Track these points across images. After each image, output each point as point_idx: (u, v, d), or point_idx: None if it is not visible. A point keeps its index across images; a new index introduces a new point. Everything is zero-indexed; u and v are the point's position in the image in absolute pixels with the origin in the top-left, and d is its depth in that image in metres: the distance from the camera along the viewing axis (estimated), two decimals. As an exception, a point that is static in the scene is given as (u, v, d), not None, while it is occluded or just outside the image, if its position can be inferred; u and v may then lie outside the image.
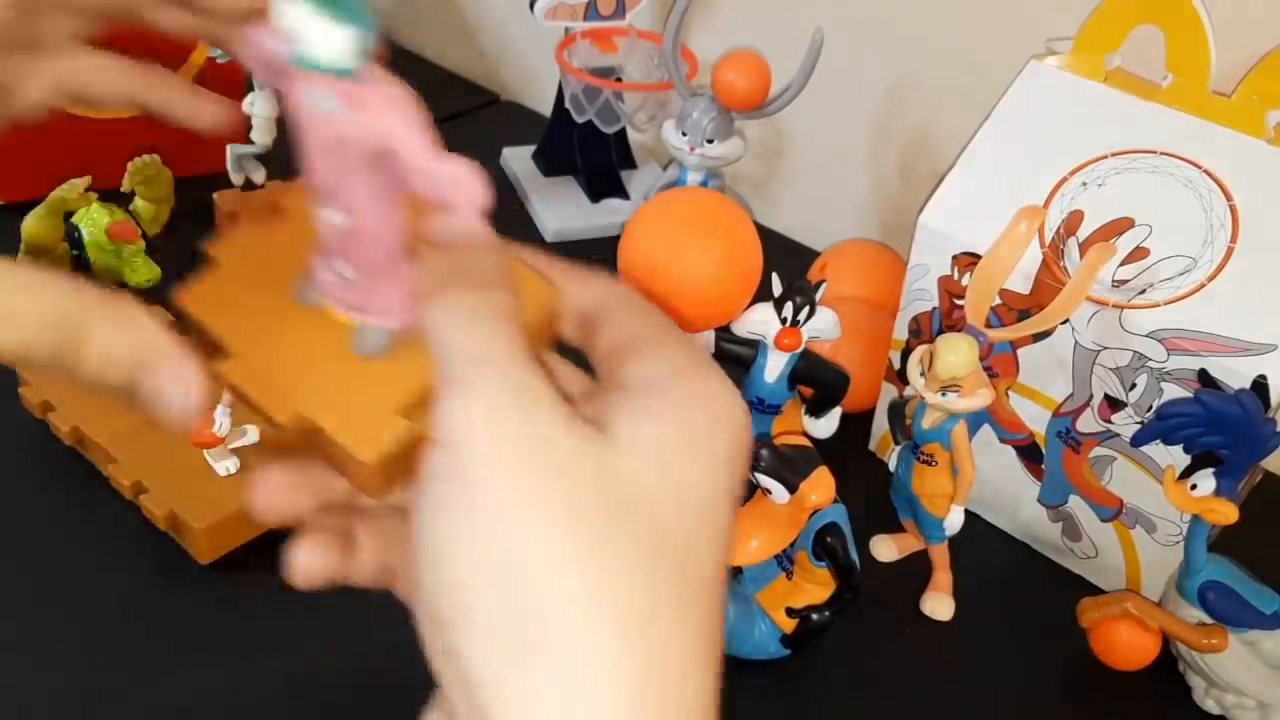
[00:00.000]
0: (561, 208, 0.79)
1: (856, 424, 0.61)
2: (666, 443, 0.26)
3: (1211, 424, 0.44)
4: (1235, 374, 0.46)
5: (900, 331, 0.58)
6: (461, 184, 0.28)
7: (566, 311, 0.30)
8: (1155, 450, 0.50)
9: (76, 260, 0.52)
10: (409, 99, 0.27)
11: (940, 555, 0.54)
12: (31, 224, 0.50)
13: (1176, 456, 0.47)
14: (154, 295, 0.55)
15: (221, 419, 0.50)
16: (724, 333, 0.51)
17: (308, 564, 0.29)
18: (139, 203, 0.54)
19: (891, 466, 0.53)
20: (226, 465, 0.52)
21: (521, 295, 0.28)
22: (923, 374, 0.47)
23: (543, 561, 0.24)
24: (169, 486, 0.51)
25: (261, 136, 0.69)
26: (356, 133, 0.26)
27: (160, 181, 0.55)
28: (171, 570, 0.50)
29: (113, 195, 0.55)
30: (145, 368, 0.26)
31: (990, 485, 0.57)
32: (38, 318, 0.26)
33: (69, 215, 0.53)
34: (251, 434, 0.54)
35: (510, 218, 0.80)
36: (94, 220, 0.52)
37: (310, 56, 0.25)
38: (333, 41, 0.25)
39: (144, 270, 0.53)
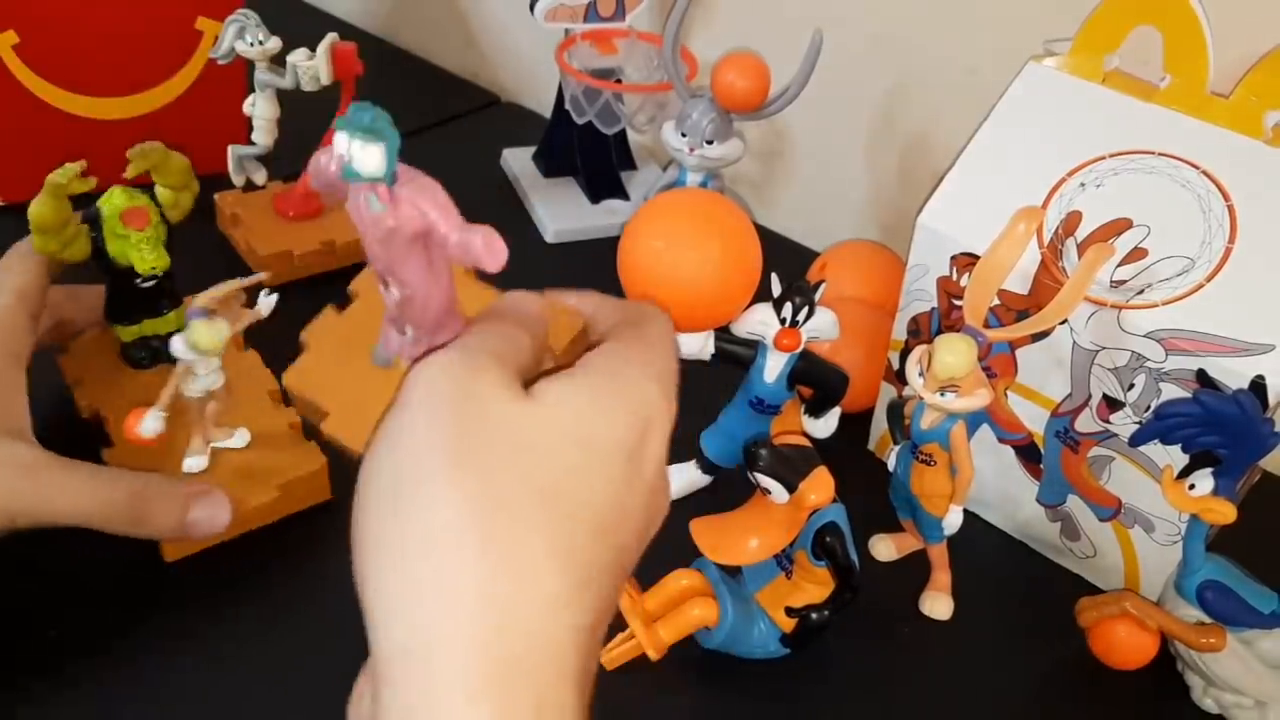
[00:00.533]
0: (561, 208, 0.79)
1: (856, 424, 0.61)
2: (570, 403, 0.32)
3: (1210, 424, 0.45)
4: (1233, 374, 0.46)
5: (899, 332, 0.58)
6: (486, 247, 0.36)
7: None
8: (1154, 450, 0.50)
9: (95, 242, 0.53)
10: (436, 187, 0.35)
11: (939, 555, 0.54)
12: (34, 208, 0.52)
13: (1175, 456, 0.47)
14: (161, 281, 0.56)
15: (149, 421, 0.49)
16: (723, 333, 0.51)
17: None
18: (159, 190, 0.55)
19: (890, 466, 0.53)
20: (189, 462, 0.52)
21: (554, 324, 0.38)
22: (921, 374, 0.47)
23: (427, 481, 0.30)
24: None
25: (262, 138, 0.69)
26: (401, 224, 0.34)
27: (170, 169, 0.54)
28: (137, 562, 0.50)
29: (142, 185, 0.55)
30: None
31: (989, 485, 0.57)
32: (114, 504, 0.46)
33: (88, 198, 0.53)
34: (241, 436, 0.54)
35: (510, 218, 0.80)
36: (114, 205, 0.53)
37: (355, 171, 0.33)
38: (370, 158, 0.33)
39: (151, 257, 0.53)
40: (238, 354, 0.58)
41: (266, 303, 0.51)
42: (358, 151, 0.33)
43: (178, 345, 0.49)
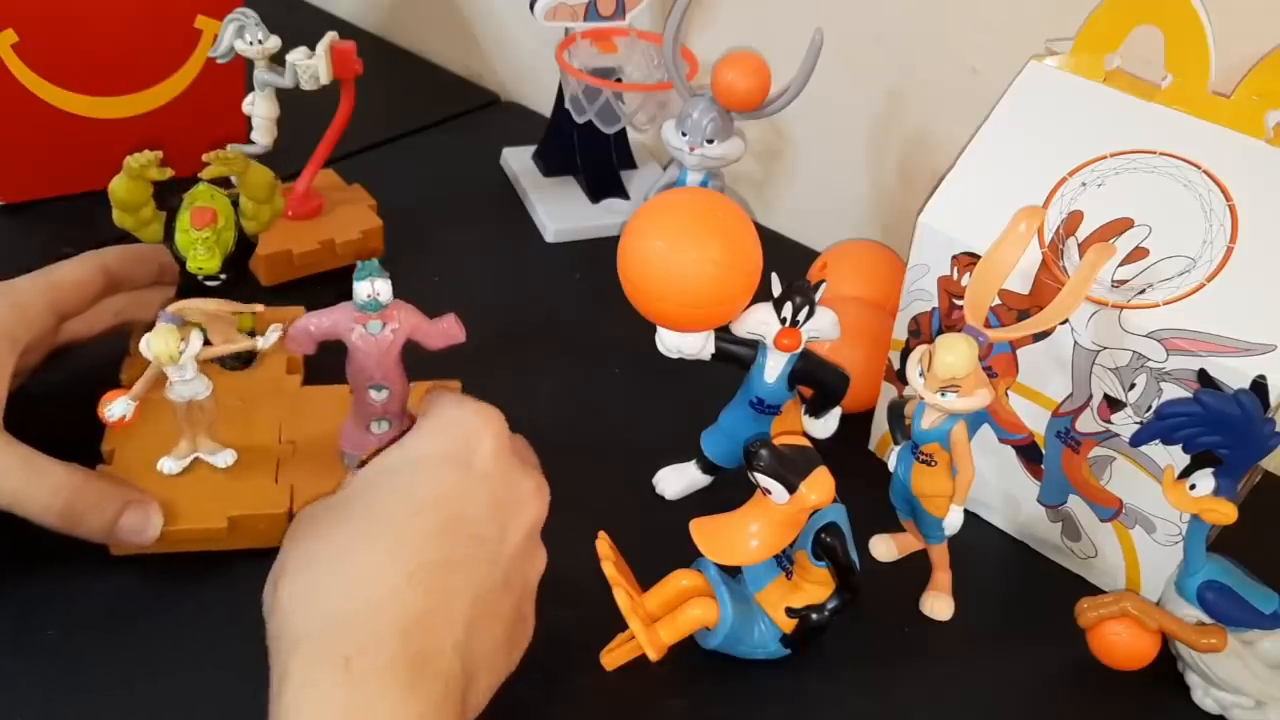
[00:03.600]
0: (561, 208, 0.79)
1: (856, 424, 0.61)
2: (388, 452, 0.44)
3: (1211, 424, 0.44)
4: (1234, 374, 0.46)
5: (900, 331, 0.58)
6: (458, 324, 0.50)
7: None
8: (1154, 450, 0.50)
9: (168, 228, 0.54)
10: (411, 306, 0.49)
11: (939, 555, 0.54)
12: (113, 183, 0.53)
13: (1176, 456, 0.47)
14: (227, 285, 0.57)
15: (116, 406, 0.49)
16: (723, 333, 0.51)
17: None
18: (242, 199, 0.55)
19: (891, 466, 0.53)
20: (165, 464, 0.52)
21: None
22: (922, 374, 0.47)
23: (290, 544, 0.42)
24: (131, 466, 0.52)
25: (262, 137, 0.69)
26: (396, 337, 0.49)
27: (251, 181, 0.55)
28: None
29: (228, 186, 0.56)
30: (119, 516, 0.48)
31: (990, 485, 0.57)
32: (45, 502, 0.46)
33: (173, 186, 0.54)
34: (225, 457, 0.53)
35: (510, 218, 0.80)
36: (192, 199, 0.54)
37: (379, 303, 0.47)
38: (387, 288, 0.47)
39: (202, 257, 0.54)
40: (276, 375, 0.58)
41: (270, 337, 0.50)
42: (380, 286, 0.46)
43: (141, 344, 0.49)
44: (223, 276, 0.55)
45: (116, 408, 0.49)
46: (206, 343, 0.50)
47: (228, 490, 0.52)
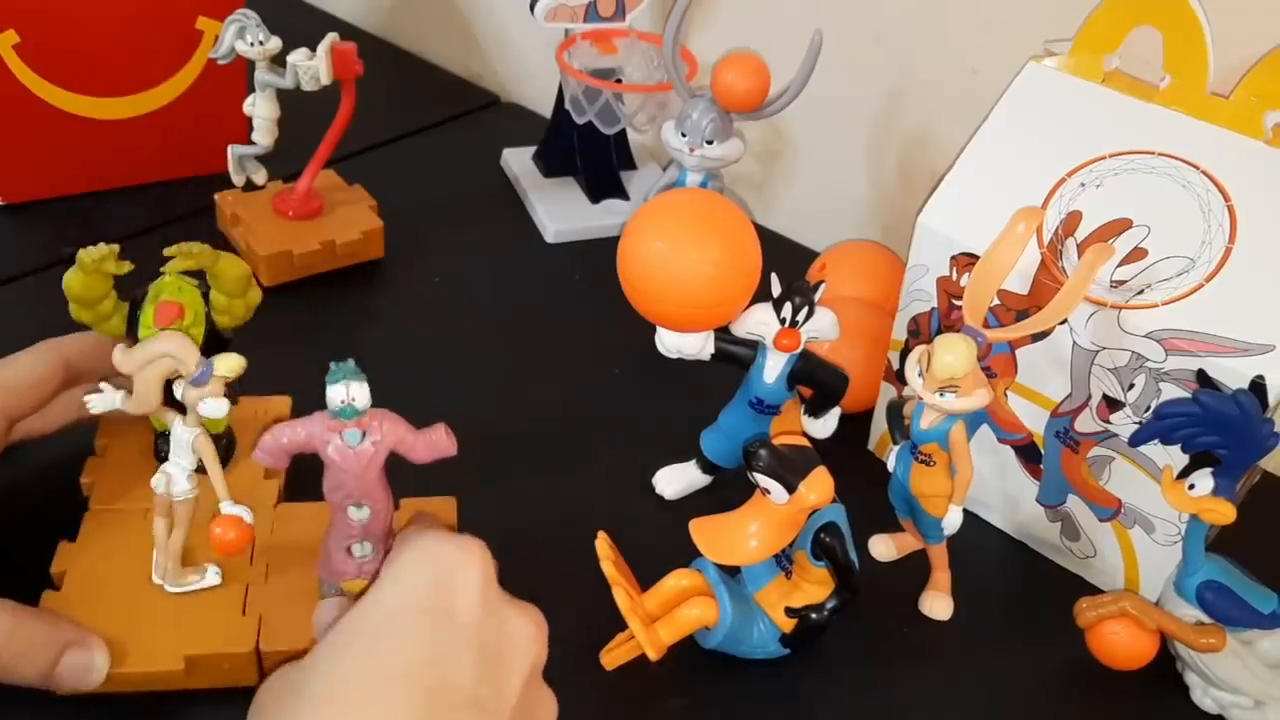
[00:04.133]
0: (561, 208, 0.79)
1: (855, 424, 0.61)
2: (370, 598, 0.38)
3: (1209, 424, 0.45)
4: (1233, 374, 0.46)
5: (899, 332, 0.58)
6: (448, 436, 0.43)
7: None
8: (1153, 450, 0.50)
9: (130, 323, 0.49)
10: (395, 415, 0.43)
11: (939, 555, 0.54)
12: (67, 276, 0.47)
13: (1175, 456, 0.47)
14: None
15: (229, 509, 0.44)
16: (723, 333, 0.51)
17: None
18: (213, 293, 0.49)
19: (890, 466, 0.53)
20: (186, 581, 0.47)
21: None
22: (921, 374, 0.47)
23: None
24: (87, 587, 0.47)
25: (262, 137, 0.69)
26: (378, 449, 0.42)
27: (222, 274, 0.48)
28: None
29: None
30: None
31: (989, 485, 0.57)
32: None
33: (133, 279, 0.48)
34: (212, 576, 0.47)
35: (510, 218, 0.80)
36: (157, 293, 0.48)
37: (355, 409, 0.41)
38: (363, 393, 0.41)
39: None
40: (252, 482, 0.52)
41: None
42: (356, 391, 0.41)
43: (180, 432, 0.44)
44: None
45: (246, 514, 0.44)
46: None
47: (187, 623, 0.46)
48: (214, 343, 0.49)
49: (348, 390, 0.40)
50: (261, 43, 0.65)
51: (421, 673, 0.36)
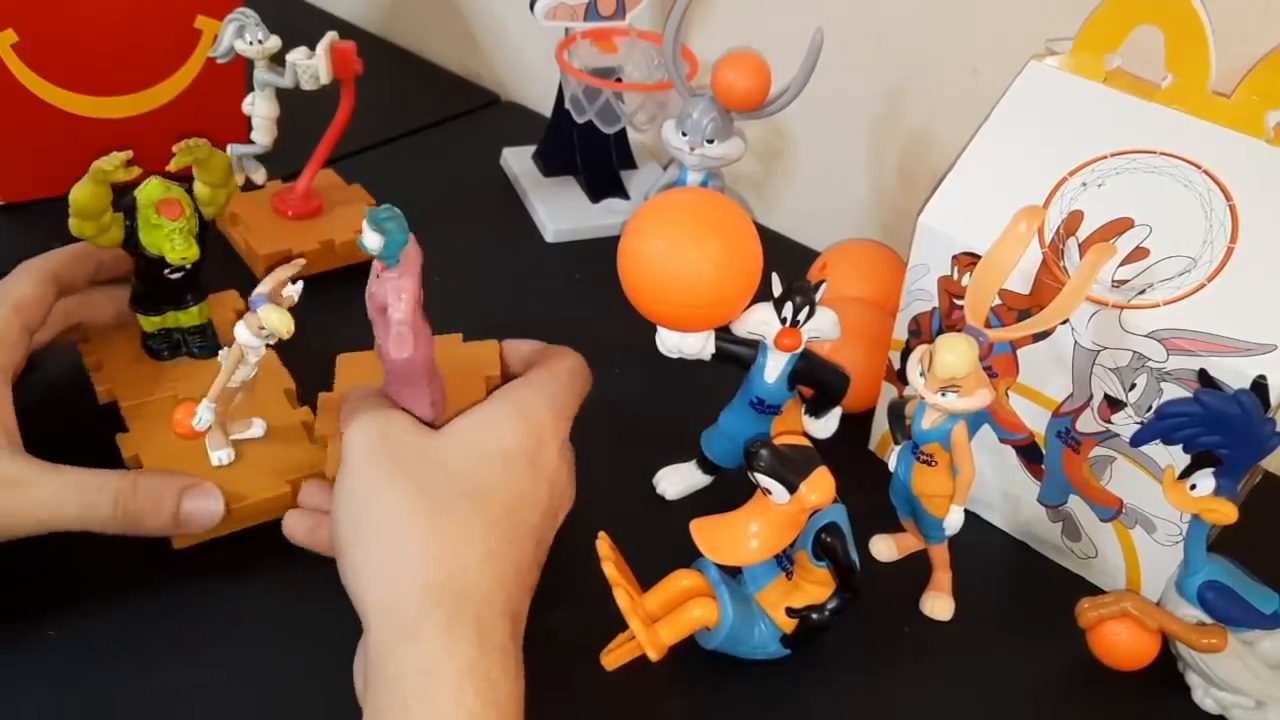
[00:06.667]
0: (561, 208, 0.79)
1: (856, 424, 0.61)
2: (468, 429, 0.47)
3: (1211, 424, 0.44)
4: (1235, 374, 0.46)
5: (900, 331, 0.58)
6: (395, 340, 0.47)
7: (506, 366, 0.57)
8: (1155, 450, 0.50)
9: (129, 230, 0.54)
10: (411, 284, 0.48)
11: (940, 555, 0.54)
12: (76, 191, 0.52)
13: (1176, 456, 0.47)
14: (189, 274, 0.57)
15: (203, 413, 0.51)
16: (724, 332, 0.51)
17: (293, 526, 0.50)
18: (197, 185, 0.56)
19: (891, 466, 0.53)
20: (220, 455, 0.52)
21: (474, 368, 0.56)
22: (922, 374, 0.47)
23: (378, 492, 0.44)
24: (162, 464, 0.52)
25: (261, 137, 0.69)
26: (377, 294, 0.48)
27: (213, 166, 0.55)
28: (145, 548, 0.50)
29: (177, 178, 0.56)
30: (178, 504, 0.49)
31: (990, 485, 0.57)
32: (106, 514, 0.47)
33: (125, 188, 0.54)
34: (258, 427, 0.54)
35: (510, 218, 0.80)
36: (150, 195, 0.54)
37: (362, 244, 0.47)
38: (370, 240, 0.46)
39: (182, 247, 0.54)
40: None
41: (294, 289, 0.51)
42: (366, 233, 0.46)
43: (244, 333, 0.49)
44: (188, 266, 0.56)
45: (204, 415, 0.50)
46: None
47: (271, 460, 0.53)
48: (204, 234, 0.56)
49: (365, 227, 0.46)
50: (260, 41, 0.65)
51: (523, 506, 0.45)
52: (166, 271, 0.55)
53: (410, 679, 0.39)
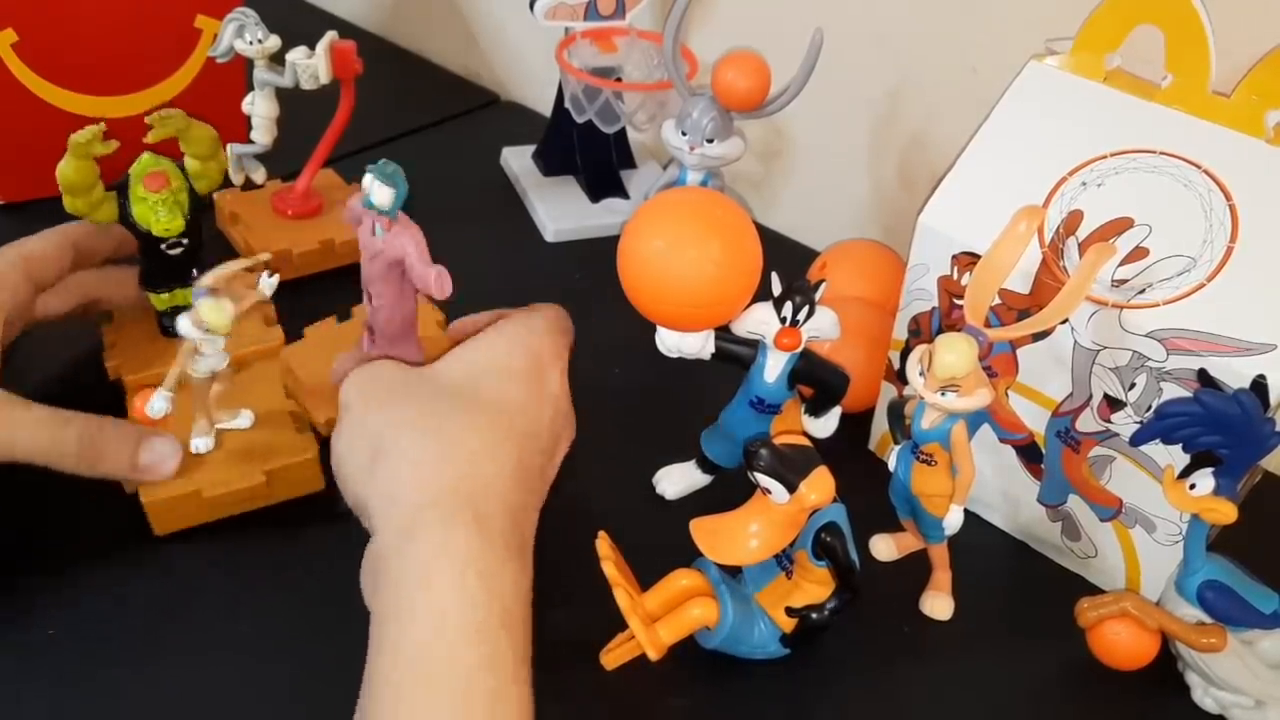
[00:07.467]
0: (561, 207, 0.79)
1: (856, 424, 0.61)
2: (464, 350, 0.49)
3: (1210, 423, 0.44)
4: (1235, 374, 0.46)
5: (900, 331, 0.58)
6: (437, 280, 0.48)
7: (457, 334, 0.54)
8: (1154, 450, 0.50)
9: (122, 206, 0.55)
10: (419, 233, 0.49)
11: (939, 555, 0.54)
12: (60, 167, 0.53)
13: (1176, 456, 0.47)
14: (190, 250, 0.57)
15: (156, 401, 0.51)
16: (724, 332, 0.51)
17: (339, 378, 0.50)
18: (187, 160, 0.56)
19: (891, 466, 0.53)
20: (197, 443, 0.53)
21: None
22: (922, 374, 0.47)
23: (371, 415, 0.46)
24: None
25: (261, 136, 0.69)
26: (388, 249, 0.49)
27: (195, 137, 0.56)
28: (145, 549, 0.52)
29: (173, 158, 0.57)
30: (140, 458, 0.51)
31: (990, 485, 0.57)
32: (71, 449, 0.49)
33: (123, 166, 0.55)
34: (245, 418, 0.55)
35: (510, 217, 0.80)
36: (139, 169, 0.55)
37: (371, 202, 0.48)
38: (381, 195, 0.47)
39: (165, 219, 0.55)
40: (261, 339, 0.60)
41: (268, 284, 0.52)
42: (375, 188, 0.47)
43: (184, 324, 0.50)
44: (185, 241, 0.56)
45: (158, 403, 0.51)
46: None
47: (255, 448, 0.54)
48: (197, 209, 0.57)
49: (373, 184, 0.47)
50: (260, 41, 0.65)
51: (526, 415, 0.47)
52: (163, 246, 0.56)
53: (411, 577, 0.40)
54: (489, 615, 0.39)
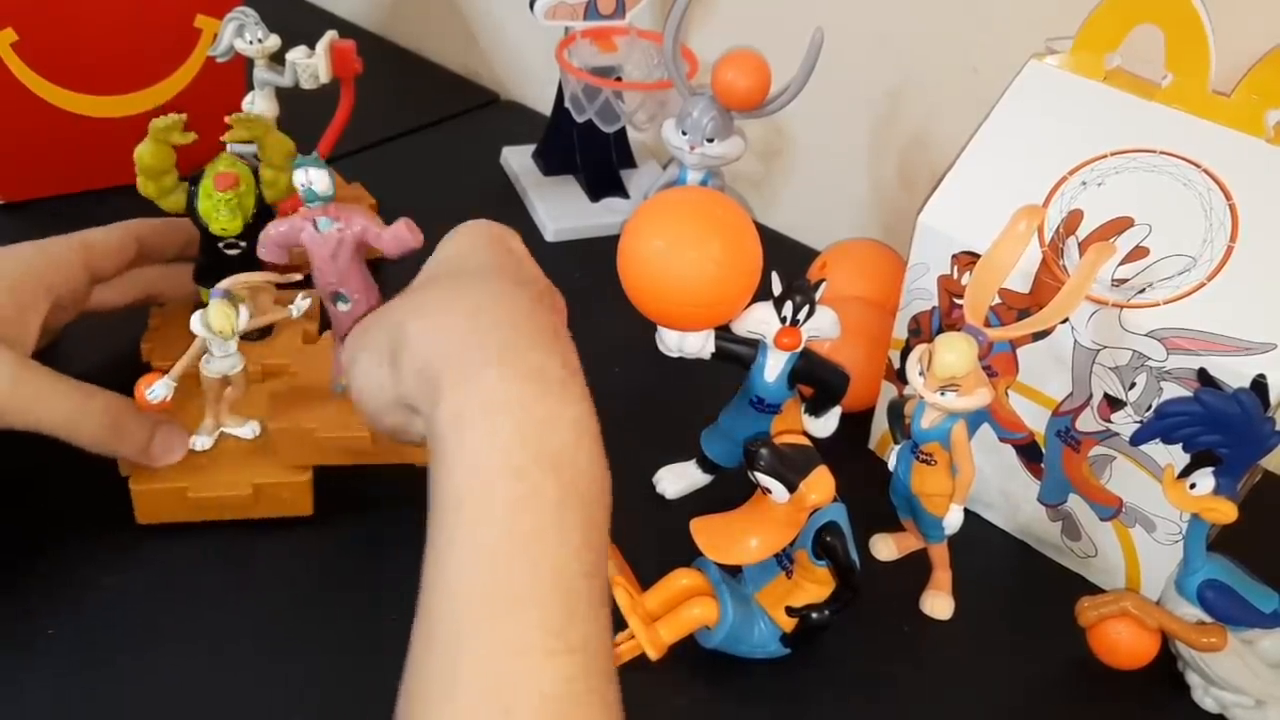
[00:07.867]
0: (561, 207, 0.79)
1: (856, 423, 0.61)
2: (428, 263, 0.46)
3: (1210, 423, 0.44)
4: (1235, 373, 0.46)
5: (900, 331, 0.58)
6: (410, 231, 0.49)
7: None
8: (1154, 449, 0.50)
9: (190, 195, 0.56)
10: (365, 210, 0.49)
11: (940, 554, 0.54)
12: (139, 148, 0.55)
13: (1176, 455, 0.47)
14: (248, 251, 0.57)
15: (158, 387, 0.51)
16: (724, 331, 0.51)
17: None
18: (262, 167, 0.57)
19: (891, 466, 0.53)
20: (197, 440, 0.53)
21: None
22: (922, 373, 0.47)
23: (381, 325, 0.44)
24: None
25: (261, 136, 0.69)
26: (346, 234, 0.49)
27: (271, 146, 0.57)
28: (143, 547, 0.52)
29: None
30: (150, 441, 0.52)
31: (990, 484, 0.57)
32: (97, 421, 0.50)
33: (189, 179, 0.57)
34: (251, 429, 0.54)
35: (510, 217, 0.79)
36: (215, 167, 0.56)
37: (315, 194, 0.47)
38: (322, 180, 0.47)
39: (224, 218, 0.56)
40: (301, 348, 0.59)
41: (300, 305, 0.53)
42: (314, 176, 0.47)
43: (195, 321, 0.50)
44: (243, 244, 0.57)
45: (158, 389, 0.50)
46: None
47: (252, 461, 0.54)
48: (262, 215, 0.57)
49: (306, 174, 0.47)
50: (260, 40, 0.65)
51: (507, 270, 0.45)
52: (220, 245, 0.57)
53: (449, 435, 0.38)
54: (524, 458, 0.37)
